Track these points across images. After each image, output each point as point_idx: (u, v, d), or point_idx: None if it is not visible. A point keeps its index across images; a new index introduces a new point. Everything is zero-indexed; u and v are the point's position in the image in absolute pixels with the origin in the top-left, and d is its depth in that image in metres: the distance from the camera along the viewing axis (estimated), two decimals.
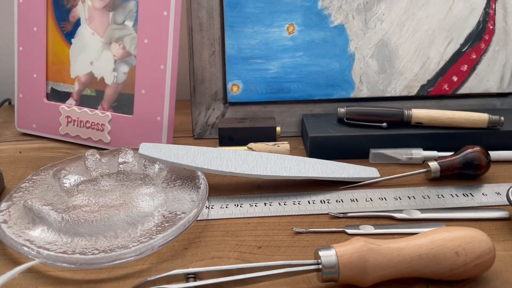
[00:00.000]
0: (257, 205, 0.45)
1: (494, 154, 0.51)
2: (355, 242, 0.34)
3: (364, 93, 0.59)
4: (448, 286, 0.34)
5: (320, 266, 0.33)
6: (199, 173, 0.47)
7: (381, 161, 0.53)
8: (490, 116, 0.53)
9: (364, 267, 0.33)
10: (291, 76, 0.59)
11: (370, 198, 0.46)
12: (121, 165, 0.47)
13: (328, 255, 0.33)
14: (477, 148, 0.48)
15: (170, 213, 0.41)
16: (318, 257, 0.33)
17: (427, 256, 0.33)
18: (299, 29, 0.58)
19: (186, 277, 0.33)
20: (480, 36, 0.59)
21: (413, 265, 0.33)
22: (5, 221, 0.40)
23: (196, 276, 0.33)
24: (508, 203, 0.42)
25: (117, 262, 0.36)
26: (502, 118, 0.53)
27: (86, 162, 0.48)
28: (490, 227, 0.41)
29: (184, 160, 0.46)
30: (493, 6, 0.58)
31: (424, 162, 0.51)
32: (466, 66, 0.59)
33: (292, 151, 0.57)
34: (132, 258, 0.36)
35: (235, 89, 0.59)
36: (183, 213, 0.41)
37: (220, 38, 0.59)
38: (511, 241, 0.39)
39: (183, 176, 0.47)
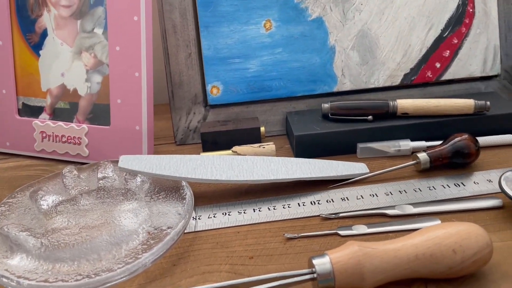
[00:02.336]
0: (245, 211, 0.44)
1: (482, 140, 0.50)
2: (349, 247, 0.33)
3: (347, 86, 0.58)
4: (446, 283, 0.33)
5: (315, 275, 0.32)
6: (183, 183, 0.45)
7: (369, 155, 0.52)
8: (476, 101, 0.52)
9: (361, 273, 0.31)
10: (272, 73, 0.57)
11: (361, 196, 0.45)
12: (101, 181, 0.45)
13: (322, 263, 0.32)
14: (465, 136, 0.48)
15: (156, 229, 0.39)
16: (312, 265, 0.32)
17: (424, 256, 0.32)
18: (276, 24, 0.56)
19: None
20: (460, 20, 0.58)
21: (411, 266, 0.32)
22: None
23: None
24: (500, 191, 0.41)
25: (103, 287, 0.34)
26: (488, 102, 0.52)
27: (64, 180, 0.46)
28: (485, 217, 0.41)
29: (166, 171, 0.44)
30: None
31: (413, 153, 0.51)
32: (448, 51, 0.58)
33: (278, 151, 0.55)
34: (118, 281, 0.34)
35: (215, 91, 0.57)
36: (169, 227, 0.39)
37: (196, 40, 0.57)
38: (507, 231, 0.39)
39: (167, 188, 0.45)
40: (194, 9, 0.56)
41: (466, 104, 0.52)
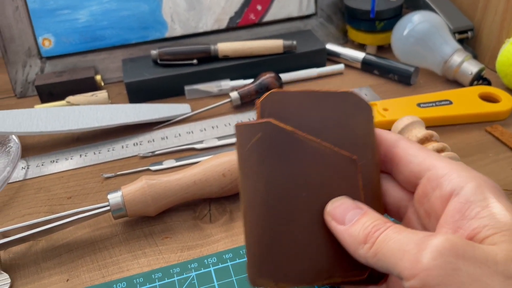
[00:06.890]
0: (72, 158, 0.49)
1: (287, 76, 0.58)
2: (139, 181, 0.39)
3: (178, 31, 0.62)
4: (224, 199, 0.42)
5: (109, 207, 0.38)
6: (12, 137, 0.48)
7: (197, 96, 0.58)
8: (284, 41, 0.59)
9: (146, 201, 0.39)
10: (103, 23, 0.60)
11: (179, 134, 0.52)
12: None
13: (115, 197, 0.38)
14: (270, 74, 0.55)
15: None
16: (107, 200, 0.39)
17: (200, 181, 0.40)
18: None
19: None
20: None
21: (190, 191, 0.40)
22: None
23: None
24: None
25: None
26: (295, 42, 0.59)
27: None
28: None
29: None
30: None
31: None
32: None
33: (116, 97, 0.60)
34: None
35: (47, 43, 0.59)
36: None
37: None
38: None
39: None
40: None
41: (275, 44, 0.59)
